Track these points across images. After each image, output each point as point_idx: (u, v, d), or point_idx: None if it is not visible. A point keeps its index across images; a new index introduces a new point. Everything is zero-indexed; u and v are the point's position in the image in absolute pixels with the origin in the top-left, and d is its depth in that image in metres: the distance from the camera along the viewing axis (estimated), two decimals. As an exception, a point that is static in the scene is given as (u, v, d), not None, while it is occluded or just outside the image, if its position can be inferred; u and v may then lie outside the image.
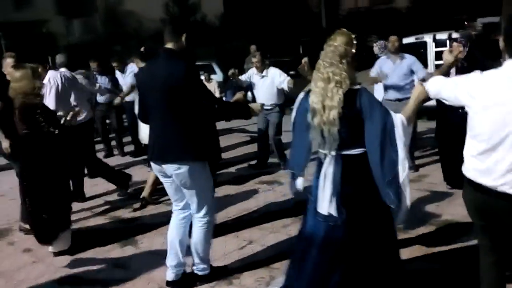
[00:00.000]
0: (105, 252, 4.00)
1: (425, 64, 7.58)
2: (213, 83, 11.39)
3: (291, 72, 10.72)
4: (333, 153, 2.56)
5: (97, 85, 7.44)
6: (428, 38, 9.28)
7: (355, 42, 2.55)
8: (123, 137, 8.09)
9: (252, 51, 11.87)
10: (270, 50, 12.82)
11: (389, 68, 5.73)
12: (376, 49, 6.92)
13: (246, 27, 22.55)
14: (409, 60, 5.67)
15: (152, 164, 3.16)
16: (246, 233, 4.21)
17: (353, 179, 2.55)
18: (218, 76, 13.60)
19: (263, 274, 3.41)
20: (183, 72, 2.92)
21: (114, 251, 4.01)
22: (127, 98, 7.61)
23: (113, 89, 7.58)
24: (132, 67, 7.50)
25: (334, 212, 2.53)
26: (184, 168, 2.98)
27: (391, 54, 5.81)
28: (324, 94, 2.49)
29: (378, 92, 6.24)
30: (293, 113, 2.83)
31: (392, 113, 2.48)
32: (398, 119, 2.45)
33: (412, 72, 5.62)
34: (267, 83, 6.12)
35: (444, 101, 2.35)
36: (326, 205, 2.54)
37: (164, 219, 4.62)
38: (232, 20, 24.31)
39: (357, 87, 2.53)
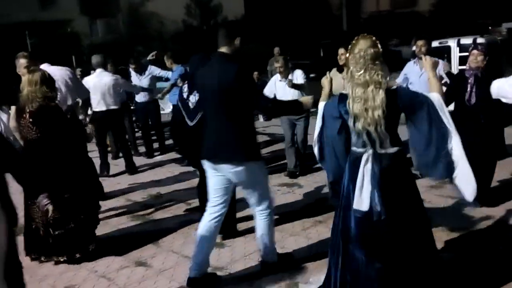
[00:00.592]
0: (127, 250, 4.05)
1: (448, 69, 7.46)
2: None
3: (312, 75, 10.70)
4: (371, 151, 2.63)
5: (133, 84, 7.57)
6: (452, 42, 9.16)
7: (378, 42, 2.61)
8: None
9: (276, 53, 11.82)
10: (291, 53, 12.79)
11: (416, 73, 5.59)
12: None
13: (266, 29, 22.61)
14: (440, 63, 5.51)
15: (205, 161, 3.28)
16: (266, 235, 4.21)
17: (390, 177, 2.62)
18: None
19: (283, 276, 3.41)
20: (236, 75, 3.04)
21: (135, 250, 4.06)
22: (139, 99, 7.68)
23: (147, 88, 7.67)
24: (151, 69, 7.62)
25: (375, 208, 2.60)
26: (240, 168, 3.11)
27: (418, 59, 5.67)
28: (365, 98, 2.56)
29: None
30: (319, 123, 2.88)
31: (429, 95, 2.62)
32: (435, 97, 2.59)
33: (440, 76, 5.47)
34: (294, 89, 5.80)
35: (503, 99, 2.61)
36: (366, 201, 2.60)
37: (184, 220, 4.69)
38: (252, 22, 24.38)
39: (394, 87, 2.65)
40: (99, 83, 6.41)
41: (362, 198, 2.61)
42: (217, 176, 3.26)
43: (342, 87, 5.18)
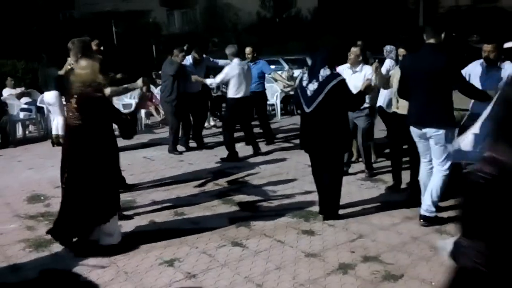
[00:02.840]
0: (221, 231, 4.30)
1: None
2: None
3: (389, 70, 10.43)
4: None
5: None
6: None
7: None
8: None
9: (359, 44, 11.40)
10: (369, 46, 12.52)
11: (478, 75, 4.72)
12: (384, 53, 6.72)
13: (338, 23, 22.33)
14: (509, 70, 4.51)
15: (412, 128, 4.26)
16: (355, 227, 4.28)
17: None
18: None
19: (378, 268, 3.47)
20: (444, 62, 3.99)
21: (229, 231, 4.30)
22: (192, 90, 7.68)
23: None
24: (188, 60, 7.87)
25: None
26: (441, 132, 4.04)
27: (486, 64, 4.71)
28: None
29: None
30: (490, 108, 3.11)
31: None
32: None
33: None
34: (358, 80, 5.40)
35: None
36: None
37: (272, 204, 4.84)
38: (325, 15, 24.15)
39: None
40: (242, 71, 6.85)
41: None
42: (421, 142, 4.27)
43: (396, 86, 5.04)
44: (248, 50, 7.84)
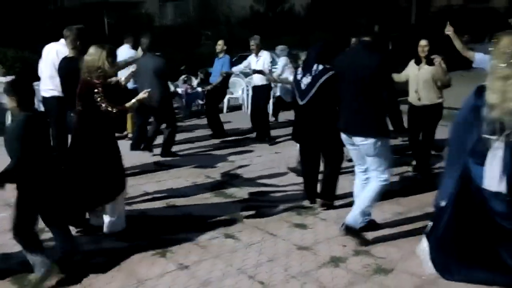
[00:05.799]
0: (213, 223, 4.30)
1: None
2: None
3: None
4: (502, 138, 2.82)
5: None
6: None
7: None
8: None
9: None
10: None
11: None
12: (277, 51, 8.09)
13: (331, 19, 22.35)
14: None
15: (342, 134, 3.91)
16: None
17: None
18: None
19: (369, 262, 3.51)
20: (378, 63, 3.58)
21: (221, 224, 4.30)
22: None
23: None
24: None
25: (504, 190, 2.83)
26: (369, 141, 3.64)
27: None
28: (503, 91, 2.74)
29: None
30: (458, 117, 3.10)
31: None
32: None
33: None
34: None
35: None
36: (495, 183, 2.83)
37: (265, 199, 4.84)
38: (318, 11, 24.16)
39: None
40: None
41: (492, 180, 2.83)
42: (354, 150, 3.87)
43: (415, 79, 5.33)
44: (220, 42, 8.02)
